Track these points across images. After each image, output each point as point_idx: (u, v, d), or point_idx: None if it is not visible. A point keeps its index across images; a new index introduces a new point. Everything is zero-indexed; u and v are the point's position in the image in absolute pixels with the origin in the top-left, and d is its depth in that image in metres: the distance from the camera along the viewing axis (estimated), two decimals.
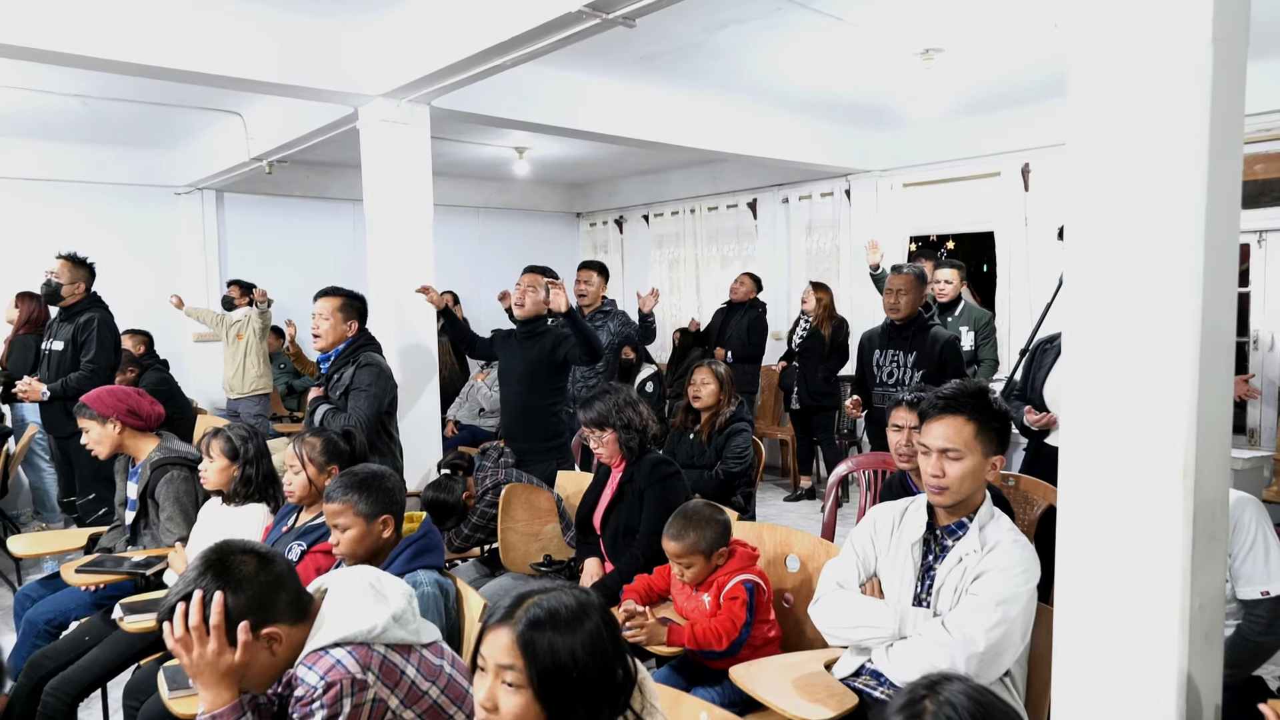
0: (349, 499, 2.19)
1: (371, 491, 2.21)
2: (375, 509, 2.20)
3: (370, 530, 2.20)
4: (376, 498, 2.21)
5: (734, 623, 2.33)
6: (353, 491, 2.20)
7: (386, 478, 2.27)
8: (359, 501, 2.19)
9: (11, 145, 6.20)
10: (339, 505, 2.19)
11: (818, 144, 6.13)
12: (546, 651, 1.23)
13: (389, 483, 2.26)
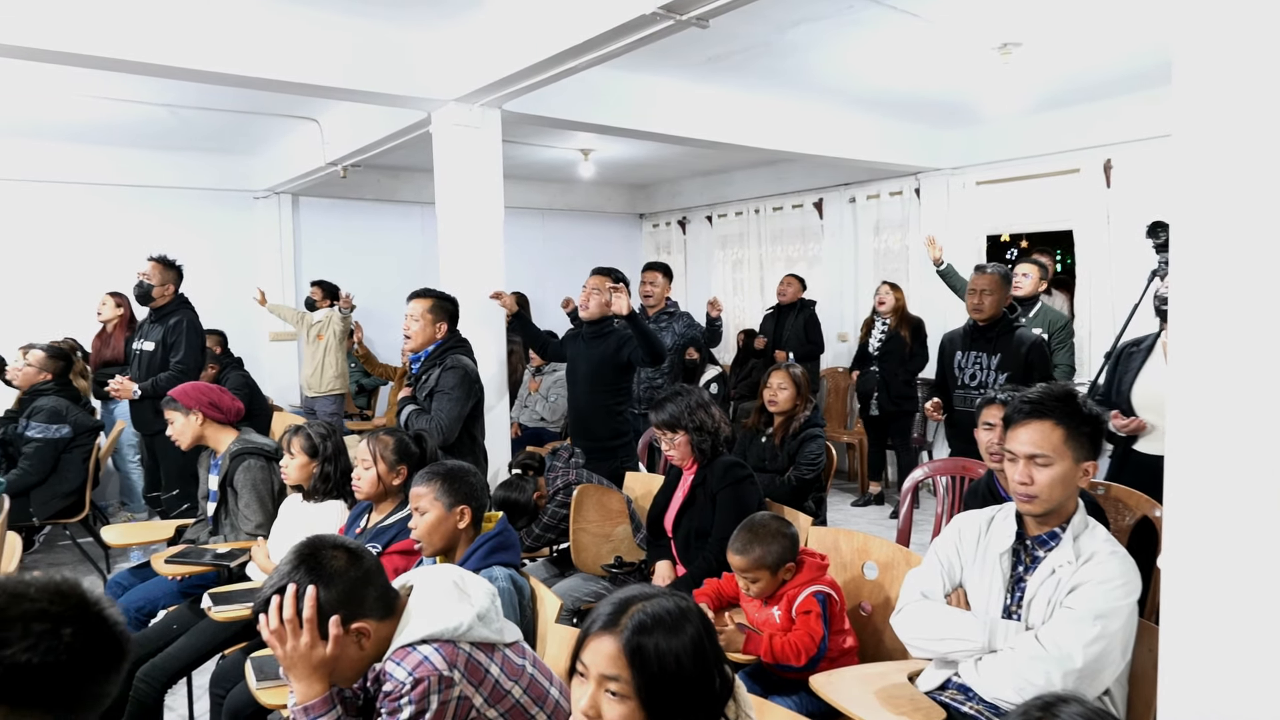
0: (432, 484, 2.27)
1: (454, 481, 2.28)
2: (454, 498, 2.26)
3: (447, 518, 2.25)
4: (458, 488, 2.27)
5: (812, 638, 2.28)
6: (437, 479, 2.28)
7: (470, 473, 2.33)
8: (441, 488, 2.26)
9: (103, 153, 6.48)
10: (423, 489, 2.27)
11: (887, 142, 6.02)
12: (653, 659, 1.20)
13: (472, 478, 2.32)
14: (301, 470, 3.10)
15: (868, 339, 6.08)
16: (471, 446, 3.65)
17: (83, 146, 6.38)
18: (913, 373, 5.88)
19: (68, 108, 5.31)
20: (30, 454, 4.61)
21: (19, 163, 6.23)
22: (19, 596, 0.95)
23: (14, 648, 0.91)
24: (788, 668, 2.29)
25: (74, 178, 6.45)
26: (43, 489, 4.65)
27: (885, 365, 5.88)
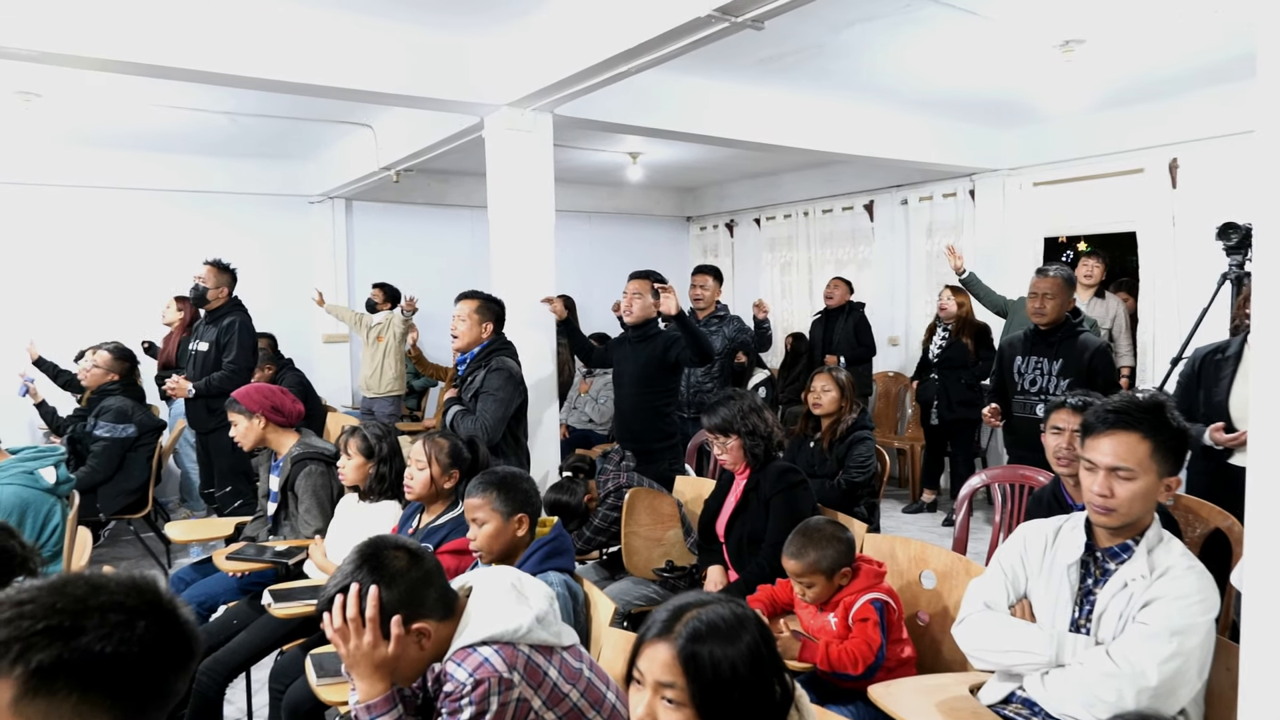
0: (489, 495, 2.27)
1: (510, 490, 2.28)
2: (512, 507, 2.26)
3: (506, 527, 2.25)
4: (514, 496, 2.27)
5: (869, 646, 2.24)
6: (492, 488, 2.27)
7: (523, 479, 2.34)
8: (497, 498, 2.26)
9: (167, 160, 6.68)
10: (479, 500, 2.27)
11: (941, 143, 5.92)
12: (708, 666, 1.19)
13: (525, 484, 2.33)
14: (358, 471, 3.14)
15: (929, 345, 5.94)
16: (515, 448, 3.68)
17: (148, 154, 6.58)
18: (976, 381, 5.70)
19: (135, 117, 5.48)
20: (98, 452, 4.76)
21: (89, 170, 6.45)
22: (99, 588, 0.97)
23: (89, 636, 0.93)
24: (844, 676, 2.25)
25: (139, 184, 6.66)
26: (109, 486, 4.80)
27: (945, 373, 5.73)
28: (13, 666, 0.90)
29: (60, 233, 6.51)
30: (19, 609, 0.93)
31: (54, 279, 6.47)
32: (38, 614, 0.93)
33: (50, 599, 0.94)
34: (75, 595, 0.95)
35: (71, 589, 0.96)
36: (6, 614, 0.93)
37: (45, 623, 0.92)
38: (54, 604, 0.94)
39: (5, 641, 0.91)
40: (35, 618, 0.92)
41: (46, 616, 0.93)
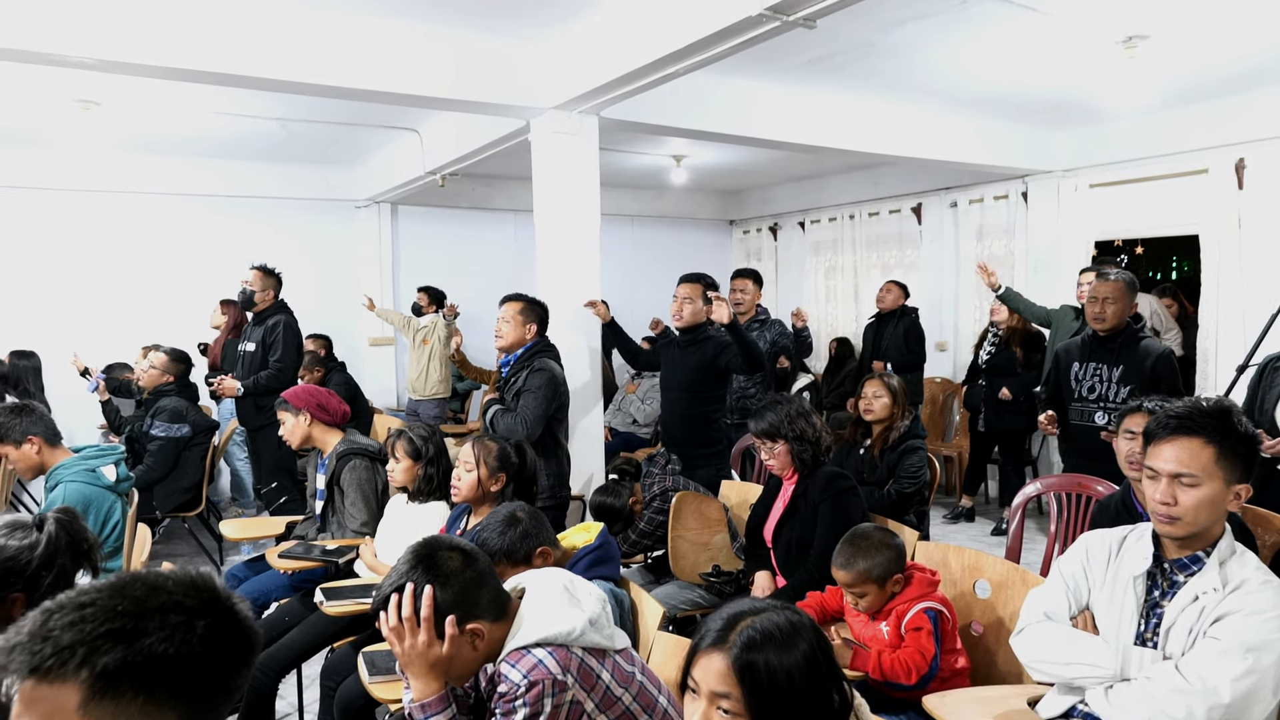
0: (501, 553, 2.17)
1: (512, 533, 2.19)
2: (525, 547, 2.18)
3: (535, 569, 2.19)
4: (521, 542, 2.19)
5: (923, 655, 2.19)
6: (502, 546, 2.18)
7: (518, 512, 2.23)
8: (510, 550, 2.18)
9: (217, 166, 6.84)
10: (501, 565, 2.16)
11: (993, 144, 5.80)
12: (764, 676, 1.17)
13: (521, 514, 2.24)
14: (407, 473, 3.17)
15: (979, 351, 5.84)
16: (555, 449, 3.68)
17: (201, 160, 6.75)
18: (1024, 389, 5.55)
19: (190, 124, 5.61)
20: (154, 452, 4.88)
21: (145, 176, 6.63)
22: (157, 589, 0.97)
23: (151, 637, 0.93)
24: (897, 686, 2.20)
25: (193, 190, 6.83)
26: (164, 484, 4.92)
27: (993, 379, 5.61)
28: (78, 670, 0.90)
29: (117, 238, 6.70)
30: (80, 612, 0.93)
31: (111, 282, 6.66)
32: (99, 617, 0.93)
33: (111, 601, 0.95)
34: (135, 596, 0.95)
35: (131, 590, 0.96)
36: (69, 617, 0.93)
37: (107, 625, 0.92)
38: (115, 606, 0.94)
39: (70, 645, 0.91)
40: (97, 620, 0.92)
41: (109, 619, 0.93)
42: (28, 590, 1.75)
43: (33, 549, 1.77)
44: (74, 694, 0.90)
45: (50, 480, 3.21)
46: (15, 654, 0.91)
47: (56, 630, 0.92)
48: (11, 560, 1.74)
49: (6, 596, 1.72)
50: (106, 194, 6.60)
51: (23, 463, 3.21)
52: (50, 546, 1.78)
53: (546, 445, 3.60)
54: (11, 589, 1.73)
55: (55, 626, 0.92)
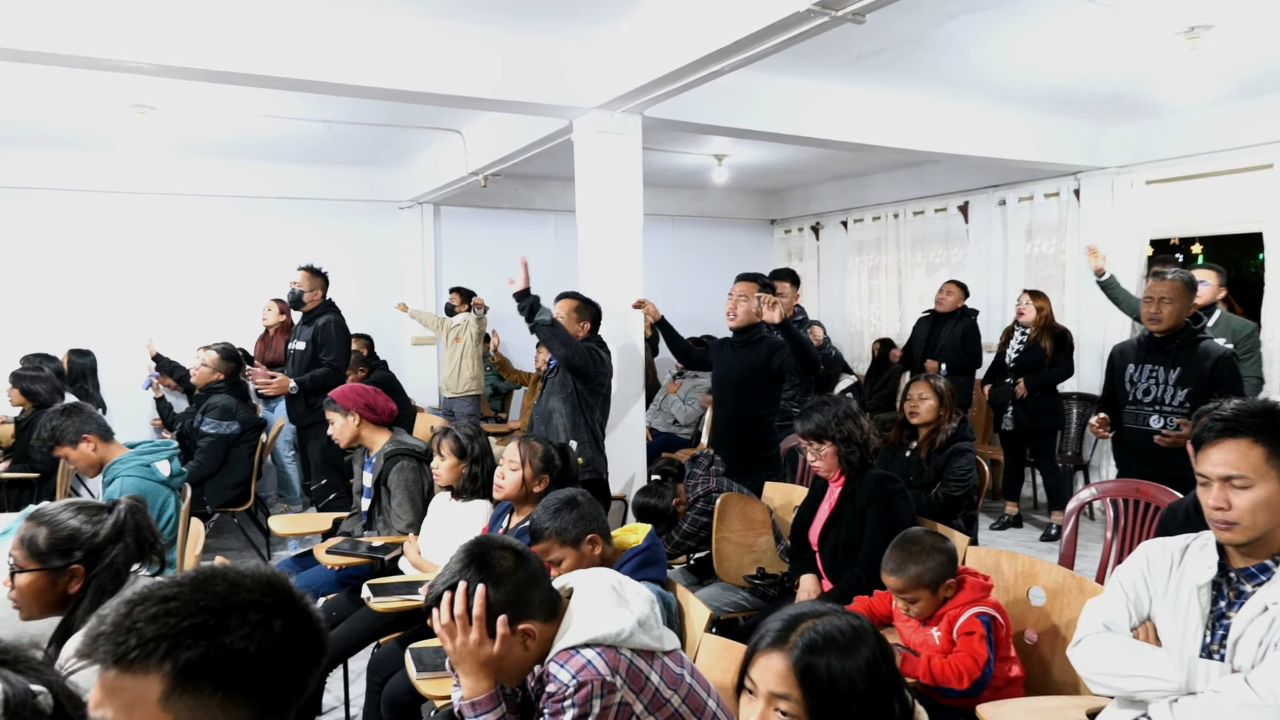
0: (550, 533, 2.19)
1: (566, 517, 2.20)
2: (578, 530, 2.20)
3: (581, 555, 2.21)
4: (575, 521, 2.20)
5: (975, 660, 2.14)
6: (550, 524, 2.20)
7: (574, 501, 2.25)
8: (561, 531, 2.19)
9: (265, 168, 6.97)
10: (545, 543, 2.20)
11: (1044, 140, 5.68)
12: (825, 679, 1.15)
13: (580, 499, 2.26)
14: (451, 471, 3.19)
15: (1004, 349, 5.72)
16: (595, 448, 3.68)
17: (250, 163, 6.88)
18: (1051, 384, 5.49)
19: (240, 127, 5.73)
20: (205, 448, 4.98)
21: (195, 179, 6.78)
22: (237, 586, 0.98)
23: (233, 635, 0.94)
24: (948, 692, 2.16)
25: (241, 192, 6.97)
26: (214, 480, 5.02)
27: (1020, 377, 5.50)
28: (161, 663, 0.92)
29: (170, 239, 6.86)
30: (164, 605, 0.95)
31: (164, 282, 6.82)
32: (183, 611, 0.94)
33: (194, 596, 0.96)
34: (217, 593, 0.97)
35: (212, 586, 0.97)
36: (152, 609, 0.94)
37: (190, 620, 0.94)
38: (198, 601, 0.95)
39: (154, 638, 0.92)
40: (181, 615, 0.94)
41: (191, 614, 0.94)
42: (87, 564, 1.82)
43: (100, 526, 1.85)
44: (156, 686, 0.91)
45: (107, 475, 3.28)
46: (100, 643, 0.94)
47: (140, 622, 0.93)
48: (77, 532, 1.83)
49: (67, 566, 1.80)
50: (159, 196, 6.76)
51: (82, 461, 3.29)
52: (117, 526, 1.86)
53: (584, 441, 3.62)
54: (72, 559, 1.81)
55: (139, 619, 0.94)
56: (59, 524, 1.83)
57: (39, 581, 1.81)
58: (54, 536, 1.81)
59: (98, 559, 1.83)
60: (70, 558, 1.81)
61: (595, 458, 3.61)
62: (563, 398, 3.63)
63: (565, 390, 3.63)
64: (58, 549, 1.81)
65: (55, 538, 1.81)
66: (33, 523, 1.85)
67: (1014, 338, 5.68)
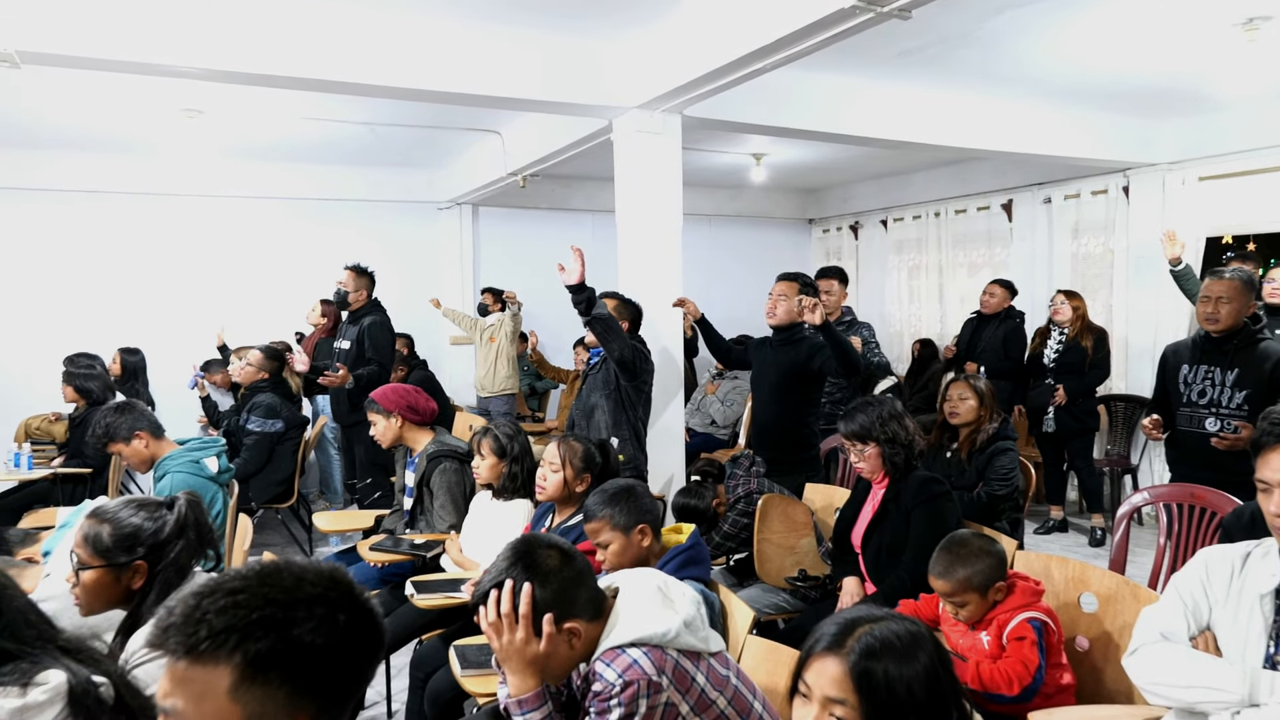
0: (605, 513, 2.23)
1: (623, 503, 2.24)
2: (630, 519, 2.23)
3: (630, 542, 2.23)
4: (630, 508, 2.24)
5: (1026, 666, 2.10)
6: (606, 506, 2.24)
7: (635, 490, 2.29)
8: (614, 515, 2.23)
9: (308, 170, 7.09)
10: (597, 523, 2.24)
11: (1092, 136, 5.55)
12: (882, 685, 1.13)
13: (638, 490, 2.29)
14: (491, 470, 3.21)
15: (1041, 350, 5.59)
16: (638, 447, 3.67)
17: (294, 165, 7.00)
18: (1092, 386, 5.40)
19: (284, 130, 5.83)
20: (250, 445, 5.08)
21: (241, 181, 6.92)
22: (301, 580, 1.00)
23: (300, 627, 0.95)
24: (997, 699, 2.11)
25: (285, 194, 7.09)
26: (259, 477, 5.11)
27: (1062, 378, 5.39)
28: (231, 654, 0.93)
29: (215, 240, 7.00)
30: (233, 598, 0.96)
31: (209, 282, 6.96)
32: (252, 604, 0.96)
33: (261, 589, 0.97)
34: (283, 586, 0.98)
35: (278, 580, 0.99)
36: (221, 602, 0.96)
37: (259, 613, 0.95)
38: (265, 594, 0.97)
39: (224, 630, 0.94)
40: (250, 607, 0.95)
41: (260, 607, 0.95)
42: (150, 560, 1.85)
43: (162, 523, 1.88)
44: (225, 677, 0.93)
45: (158, 471, 3.36)
46: (170, 634, 0.95)
47: (210, 614, 0.95)
48: (139, 529, 1.86)
49: (131, 562, 1.84)
50: (205, 198, 6.91)
51: (135, 457, 3.37)
52: (179, 522, 1.89)
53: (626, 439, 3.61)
54: (135, 555, 1.84)
55: (209, 610, 0.95)
56: (121, 521, 1.86)
57: (103, 578, 1.84)
58: (117, 533, 1.85)
59: (161, 555, 1.86)
60: (134, 554, 1.84)
61: (636, 455, 3.60)
62: (605, 394, 3.63)
63: (608, 387, 3.63)
64: (121, 545, 1.84)
65: (118, 534, 1.84)
66: (94, 520, 1.88)
67: (1051, 338, 5.56)
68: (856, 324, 5.00)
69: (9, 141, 6.06)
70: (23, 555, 2.85)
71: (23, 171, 6.29)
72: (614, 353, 3.50)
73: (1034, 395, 5.58)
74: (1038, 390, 5.55)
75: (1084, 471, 5.55)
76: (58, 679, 1.34)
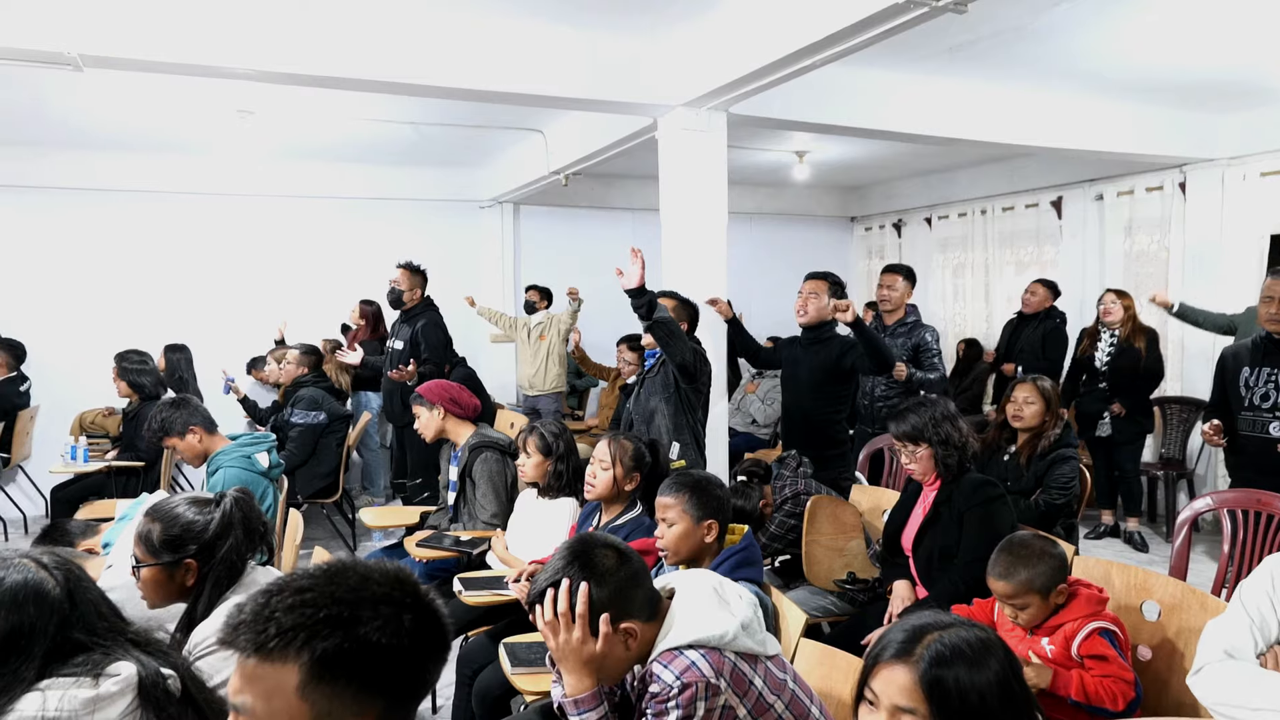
0: (681, 495, 2.23)
1: (703, 493, 2.24)
2: (703, 511, 2.22)
3: (695, 531, 2.22)
4: (706, 500, 2.23)
5: (1126, 681, 2.04)
6: (686, 490, 2.24)
7: (717, 484, 2.29)
8: (690, 500, 2.22)
9: (354, 170, 7.17)
10: (671, 499, 2.24)
11: (1147, 131, 5.40)
12: (954, 694, 1.10)
13: (719, 490, 2.28)
14: (537, 468, 3.22)
15: (1091, 352, 5.42)
16: (697, 450, 3.65)
17: (341, 165, 7.09)
18: (1148, 388, 5.23)
19: (332, 130, 5.90)
20: (294, 438, 5.15)
21: (290, 181, 7.02)
22: (367, 579, 1.00)
23: (366, 626, 0.95)
24: (1100, 711, 2.05)
25: (332, 193, 7.18)
26: (304, 470, 5.18)
27: (1116, 381, 5.23)
28: (300, 653, 0.94)
29: (261, 238, 7.11)
30: (300, 596, 0.97)
31: (258, 280, 7.07)
32: (320, 602, 0.96)
33: (329, 588, 0.98)
34: (350, 585, 0.98)
35: (345, 579, 0.99)
36: (289, 600, 0.97)
37: (326, 611, 0.95)
38: (333, 593, 0.97)
39: (292, 628, 0.95)
40: (317, 606, 0.96)
41: (327, 605, 0.96)
42: (200, 558, 1.86)
43: (209, 521, 1.89)
44: (294, 675, 0.94)
45: (211, 466, 3.42)
46: (241, 632, 0.96)
47: (279, 612, 0.96)
48: (189, 526, 1.87)
49: (181, 560, 1.86)
50: (254, 198, 7.02)
51: (189, 452, 3.44)
52: (225, 520, 1.90)
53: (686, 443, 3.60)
54: (186, 553, 1.86)
55: (277, 609, 0.96)
56: (171, 520, 1.88)
57: (158, 575, 1.87)
58: (166, 533, 1.86)
59: (211, 553, 1.87)
60: (181, 552, 1.85)
61: (696, 460, 3.59)
62: (664, 398, 3.60)
63: (667, 390, 3.60)
64: (169, 545, 1.86)
65: (167, 534, 1.86)
66: (149, 519, 1.90)
67: (1101, 340, 5.39)
68: (920, 325, 4.75)
69: (66, 143, 6.21)
70: (83, 546, 2.90)
71: (79, 172, 6.45)
72: (676, 357, 3.47)
73: (1086, 400, 5.43)
74: (1090, 395, 5.40)
75: (1128, 474, 5.41)
76: (128, 671, 1.36)
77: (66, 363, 6.42)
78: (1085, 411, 5.43)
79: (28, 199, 6.47)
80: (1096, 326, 5.43)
